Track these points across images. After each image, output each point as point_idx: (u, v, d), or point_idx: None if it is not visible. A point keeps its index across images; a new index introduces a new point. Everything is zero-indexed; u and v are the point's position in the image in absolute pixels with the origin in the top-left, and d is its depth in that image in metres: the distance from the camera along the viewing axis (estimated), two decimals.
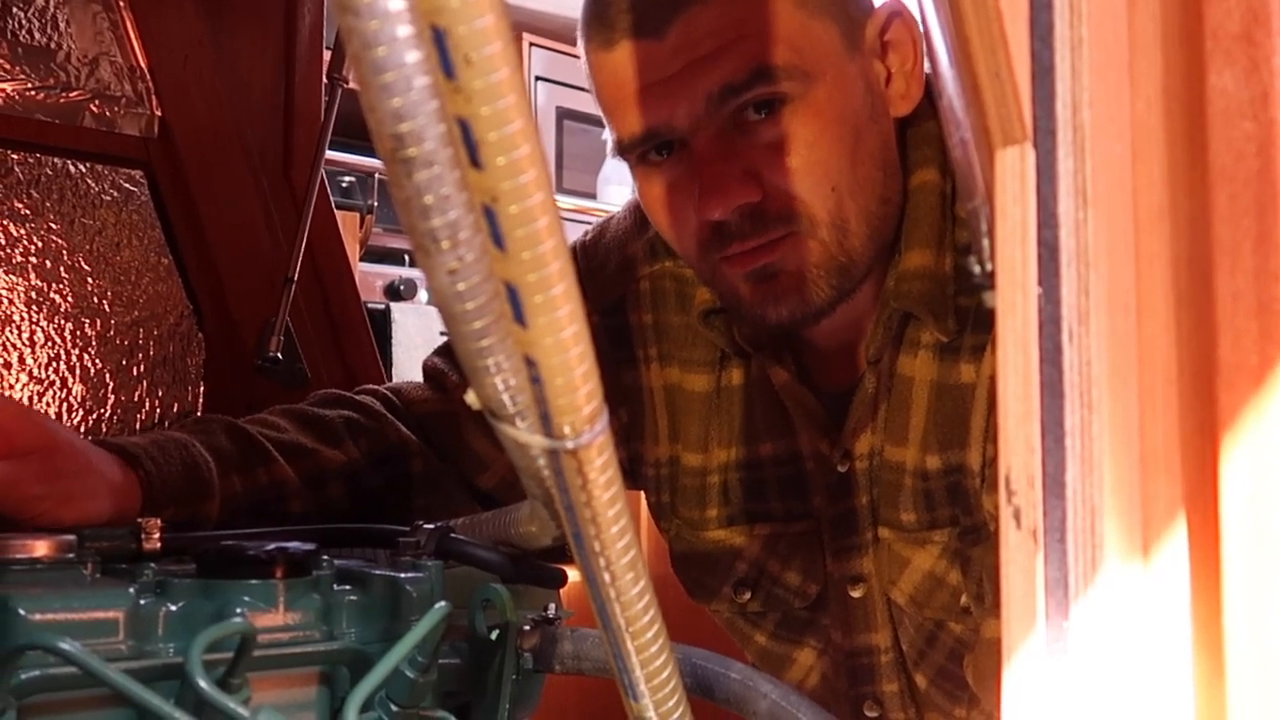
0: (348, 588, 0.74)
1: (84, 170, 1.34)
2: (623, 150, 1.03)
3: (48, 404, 1.29)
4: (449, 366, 1.19)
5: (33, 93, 1.29)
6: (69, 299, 1.31)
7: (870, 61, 1.01)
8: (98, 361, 1.33)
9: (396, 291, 2.97)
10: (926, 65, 1.04)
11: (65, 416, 1.29)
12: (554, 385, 0.41)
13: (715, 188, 0.97)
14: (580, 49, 1.04)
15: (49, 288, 1.30)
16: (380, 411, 1.16)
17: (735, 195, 0.97)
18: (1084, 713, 0.40)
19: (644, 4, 0.97)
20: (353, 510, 1.10)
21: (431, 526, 0.81)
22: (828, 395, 1.11)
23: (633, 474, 1.23)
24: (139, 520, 0.81)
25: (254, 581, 0.68)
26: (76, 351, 1.32)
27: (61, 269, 1.31)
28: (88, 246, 1.33)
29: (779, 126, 0.97)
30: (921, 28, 1.00)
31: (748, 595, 1.18)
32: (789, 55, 0.96)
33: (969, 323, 1.02)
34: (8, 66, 1.28)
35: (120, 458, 0.94)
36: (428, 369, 1.22)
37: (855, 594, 1.12)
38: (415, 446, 1.15)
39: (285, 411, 1.12)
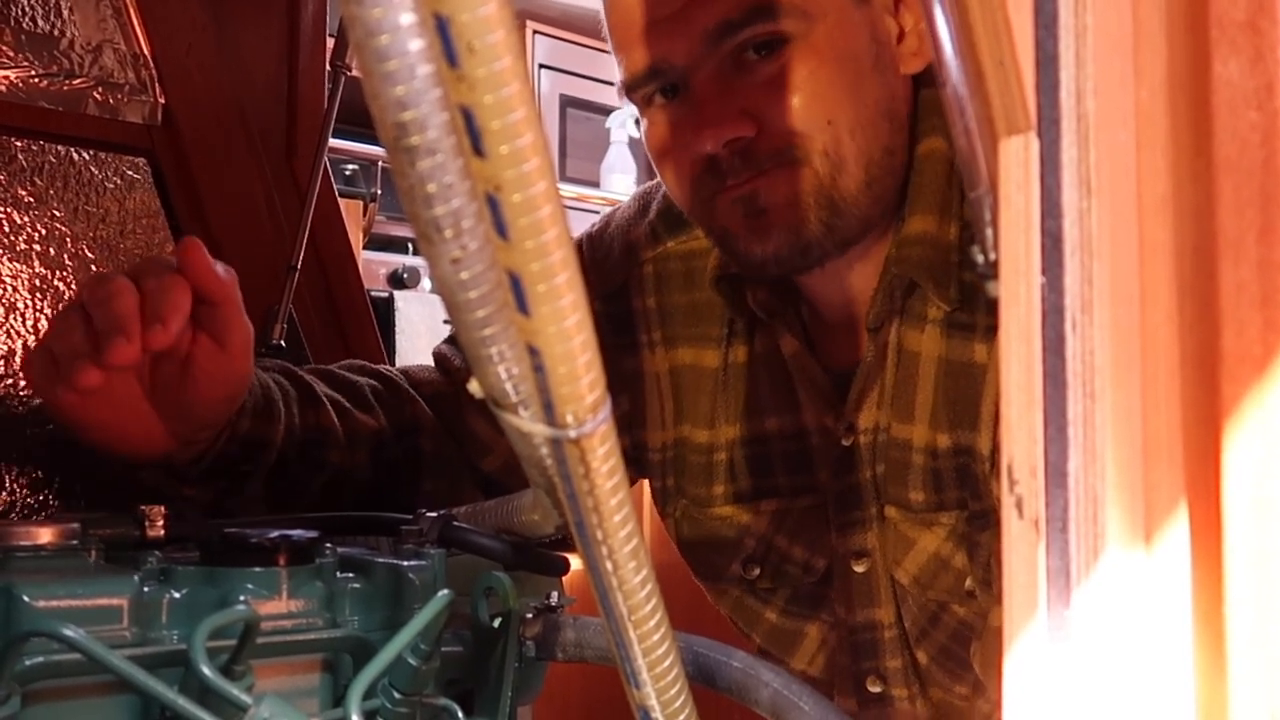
0: (351, 575, 0.74)
1: (87, 158, 1.34)
2: (628, 90, 1.04)
3: None
4: (453, 352, 1.20)
5: (36, 80, 1.29)
6: (73, 287, 1.31)
7: (881, 16, 1.02)
8: None
9: (400, 279, 2.97)
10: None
11: None
12: (556, 374, 0.41)
13: (709, 122, 0.98)
14: None
15: (53, 275, 1.30)
16: (400, 385, 1.17)
17: (729, 129, 0.97)
18: (1085, 702, 0.40)
19: None
20: (372, 481, 1.10)
21: (434, 515, 0.81)
22: (833, 372, 1.11)
23: (636, 461, 1.23)
24: (141, 508, 0.81)
25: (257, 569, 0.69)
26: None
27: (65, 256, 1.31)
28: (91, 234, 1.33)
29: (777, 65, 0.97)
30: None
31: (757, 571, 1.18)
32: None
33: (983, 301, 1.02)
34: (11, 54, 1.28)
35: None
36: (435, 355, 1.23)
37: (859, 569, 1.12)
38: (428, 424, 1.15)
39: (316, 371, 1.13)
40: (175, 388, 0.91)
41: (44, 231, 1.30)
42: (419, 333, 2.78)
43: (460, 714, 0.71)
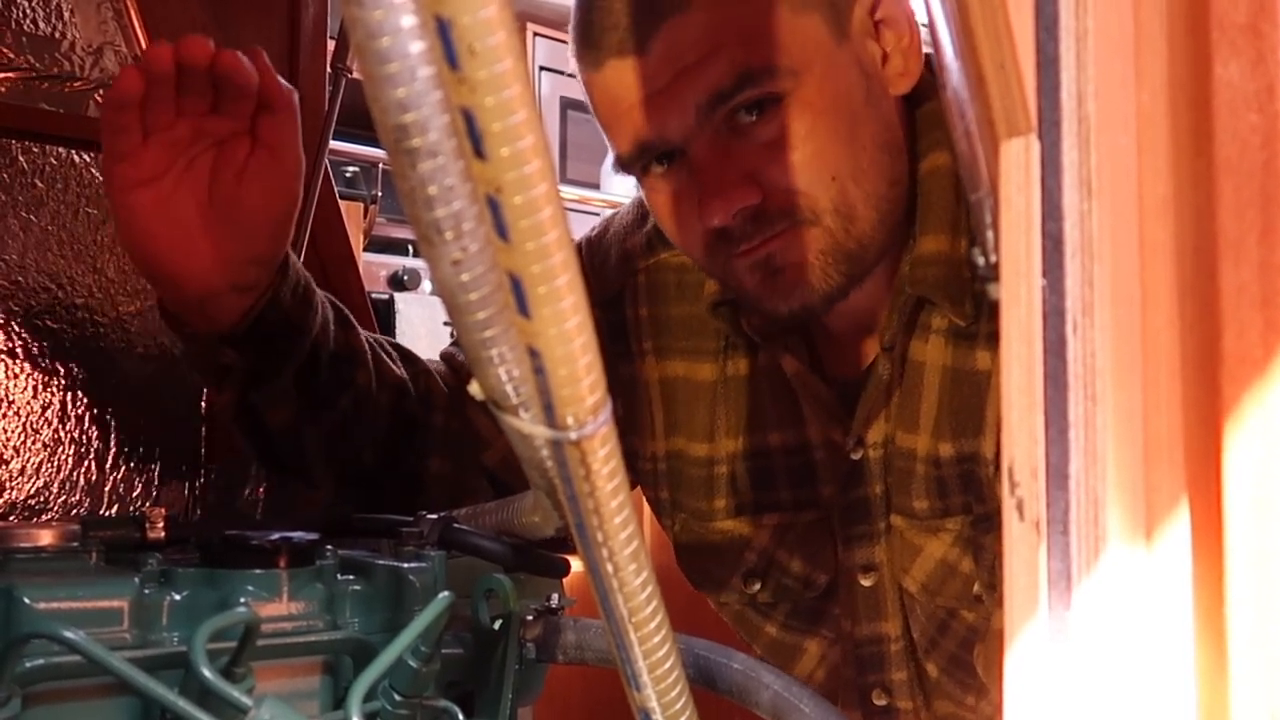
0: (351, 577, 0.74)
1: (88, 160, 1.34)
2: (623, 166, 1.03)
3: (52, 393, 1.29)
4: (459, 350, 1.20)
5: (37, 82, 1.29)
6: (74, 289, 1.31)
7: (863, 44, 1.01)
8: (102, 350, 1.33)
9: (400, 281, 2.97)
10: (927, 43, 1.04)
11: (69, 405, 1.29)
12: (557, 376, 0.41)
13: (714, 194, 0.97)
14: (573, 68, 1.04)
15: (54, 278, 1.30)
16: (418, 357, 1.18)
17: (735, 199, 0.97)
18: (1086, 704, 0.40)
19: (625, 21, 0.97)
20: (389, 435, 1.10)
21: (434, 517, 0.81)
22: (839, 383, 1.11)
23: (629, 469, 1.23)
24: (142, 510, 0.81)
25: (258, 571, 0.69)
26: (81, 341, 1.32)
27: (66, 259, 1.31)
28: (92, 237, 1.33)
29: (773, 125, 0.96)
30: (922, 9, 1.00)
31: (757, 586, 1.18)
32: (774, 55, 0.96)
33: (985, 309, 1.02)
34: (12, 56, 1.28)
35: None
36: (442, 355, 1.23)
37: (866, 583, 1.12)
38: (441, 399, 1.16)
39: None
40: (230, 201, 0.95)
41: (45, 234, 1.30)
42: (419, 335, 2.78)
43: (461, 716, 0.71)
